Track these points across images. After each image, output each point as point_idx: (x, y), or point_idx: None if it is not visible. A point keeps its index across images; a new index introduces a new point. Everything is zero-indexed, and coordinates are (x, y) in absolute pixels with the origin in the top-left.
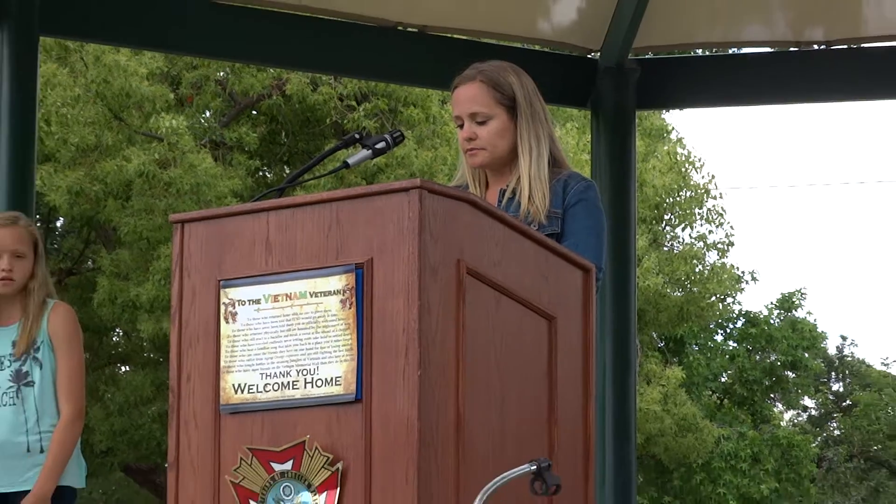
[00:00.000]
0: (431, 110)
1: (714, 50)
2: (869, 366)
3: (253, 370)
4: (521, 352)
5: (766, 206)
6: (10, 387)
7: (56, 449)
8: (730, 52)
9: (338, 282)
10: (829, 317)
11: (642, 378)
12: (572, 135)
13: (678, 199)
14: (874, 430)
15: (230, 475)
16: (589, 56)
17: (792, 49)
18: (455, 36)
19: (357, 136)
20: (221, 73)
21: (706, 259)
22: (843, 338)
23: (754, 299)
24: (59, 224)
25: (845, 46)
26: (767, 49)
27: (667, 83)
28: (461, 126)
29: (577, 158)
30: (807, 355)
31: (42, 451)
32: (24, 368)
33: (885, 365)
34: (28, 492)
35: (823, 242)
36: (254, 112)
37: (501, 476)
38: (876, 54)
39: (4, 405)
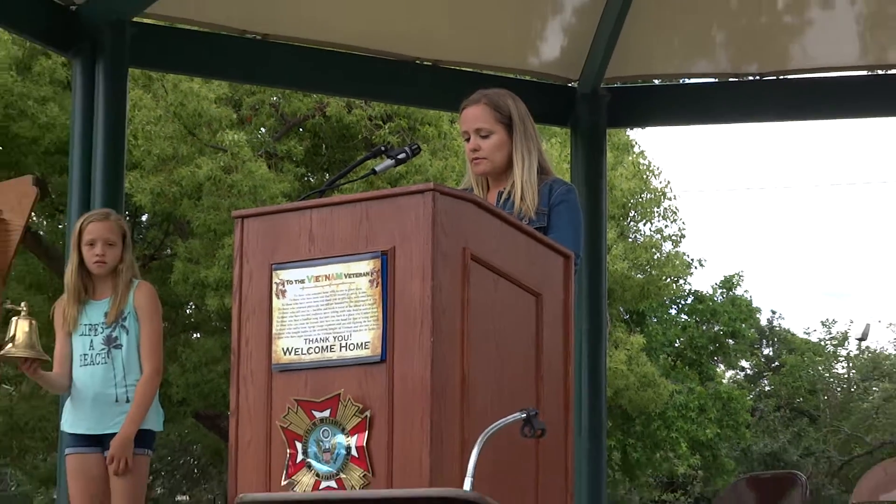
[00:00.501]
0: (443, 128)
1: (670, 80)
2: (794, 334)
3: (298, 336)
4: (514, 322)
5: (712, 206)
6: (102, 349)
7: (138, 399)
8: (681, 81)
9: (367, 265)
10: (762, 294)
11: (611, 343)
12: (556, 148)
13: (640, 199)
14: (797, 386)
15: (280, 421)
16: (569, 85)
17: (731, 79)
18: (462, 68)
19: (382, 148)
20: (274, 98)
21: (662, 248)
22: (773, 312)
23: (701, 281)
24: (143, 219)
25: (774, 77)
26: (712, 79)
27: (632, 107)
28: (468, 139)
29: (560, 167)
30: (743, 326)
31: (128, 401)
32: (114, 334)
33: (806, 334)
34: (116, 434)
35: (758, 235)
36: (300, 129)
37: (497, 422)
38: (798, 84)
39: (97, 363)
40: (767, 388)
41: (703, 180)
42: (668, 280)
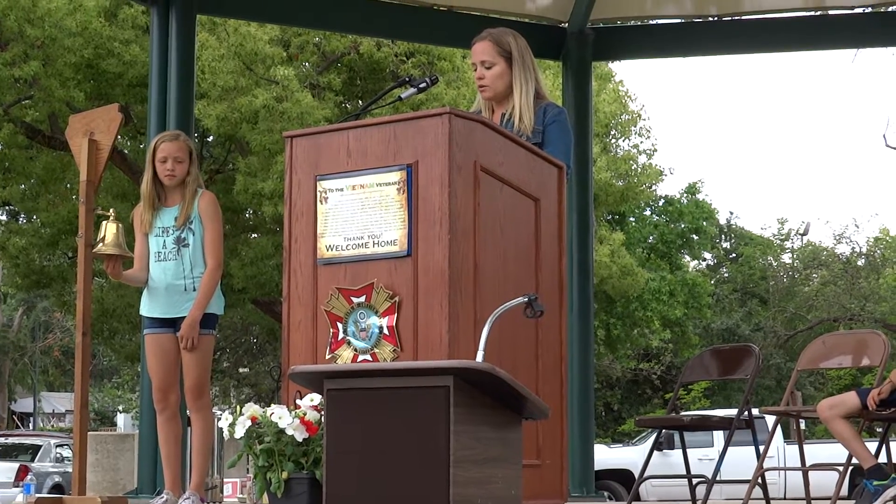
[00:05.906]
0: (456, 62)
1: (643, 21)
2: (748, 231)
3: (338, 235)
4: (517, 222)
5: (679, 125)
6: (174, 247)
7: (203, 288)
8: (652, 22)
9: (395, 176)
10: (721, 198)
11: (596, 240)
12: (549, 79)
13: (619, 120)
14: (750, 273)
15: (324, 305)
16: (560, 25)
17: (694, 20)
18: (471, 12)
19: (407, 79)
20: (317, 39)
21: (638, 160)
22: (731, 212)
23: (670, 187)
24: (210, 139)
25: (729, 18)
26: (678, 20)
27: (612, 43)
28: (476, 70)
29: (553, 95)
30: (705, 224)
31: (194, 290)
32: (182, 235)
33: (762, 229)
34: (185, 317)
35: (718, 149)
36: (338, 64)
37: (504, 305)
38: (752, 24)
39: (169, 259)
40: (725, 275)
41: (671, 104)
42: (643, 187)
